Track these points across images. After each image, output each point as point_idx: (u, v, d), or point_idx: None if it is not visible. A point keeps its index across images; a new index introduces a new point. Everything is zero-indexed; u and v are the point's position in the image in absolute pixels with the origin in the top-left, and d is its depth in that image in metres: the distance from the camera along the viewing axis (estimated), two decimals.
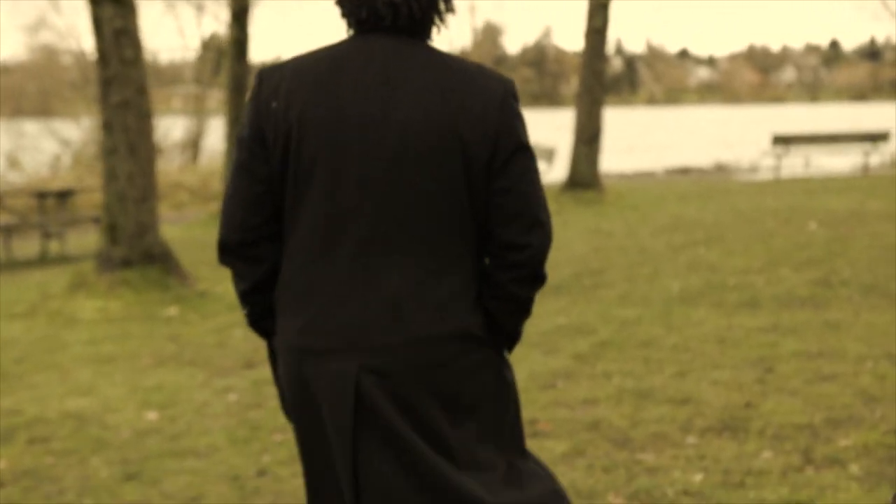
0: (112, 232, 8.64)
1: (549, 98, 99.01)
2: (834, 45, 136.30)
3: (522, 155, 2.23)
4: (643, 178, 24.99)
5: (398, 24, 2.22)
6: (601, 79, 15.65)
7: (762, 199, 15.03)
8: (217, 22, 16.86)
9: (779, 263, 8.98)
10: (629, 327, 6.93)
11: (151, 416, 5.36)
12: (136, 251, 8.62)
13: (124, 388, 5.95)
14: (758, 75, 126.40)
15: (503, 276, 2.26)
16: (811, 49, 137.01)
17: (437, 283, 2.21)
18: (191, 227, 15.48)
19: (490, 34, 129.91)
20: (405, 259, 2.20)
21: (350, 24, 2.27)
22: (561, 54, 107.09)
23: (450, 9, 2.29)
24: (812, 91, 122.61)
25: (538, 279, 2.29)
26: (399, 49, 2.22)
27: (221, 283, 9.03)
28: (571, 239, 11.40)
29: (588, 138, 15.66)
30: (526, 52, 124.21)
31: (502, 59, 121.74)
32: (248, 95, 2.34)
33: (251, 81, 2.46)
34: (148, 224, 8.68)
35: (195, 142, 23.39)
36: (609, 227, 12.15)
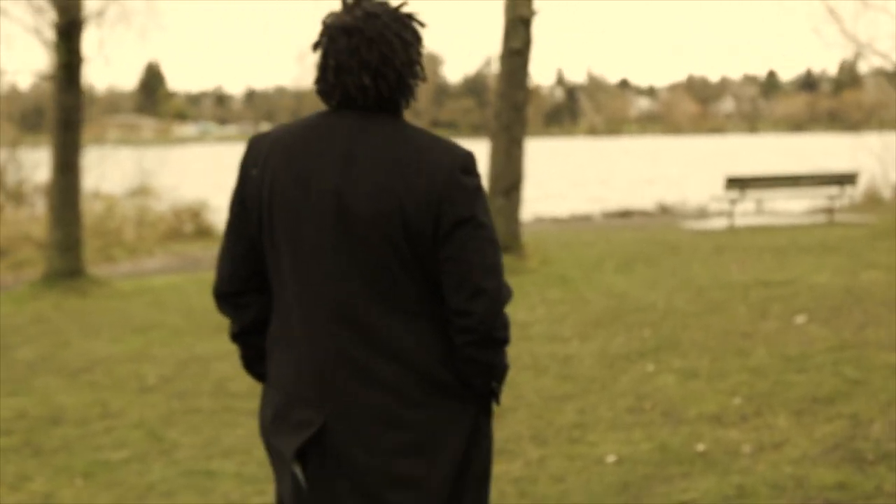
0: None
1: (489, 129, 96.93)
2: (771, 75, 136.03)
3: (466, 225, 2.34)
4: (579, 224, 22.00)
5: (367, 104, 2.40)
6: (521, 113, 12.40)
7: (723, 264, 11.98)
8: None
9: (769, 403, 5.88)
10: None
11: None
12: None
13: None
14: (697, 106, 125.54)
15: (458, 339, 2.38)
16: (749, 79, 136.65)
17: (399, 337, 2.36)
18: None
19: (430, 64, 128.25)
20: (367, 317, 2.36)
21: (325, 102, 2.46)
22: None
23: (420, 78, 2.45)
24: (751, 121, 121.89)
25: (494, 343, 2.38)
26: (364, 126, 2.40)
27: None
28: None
29: (506, 188, 12.42)
30: (467, 82, 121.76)
31: (443, 89, 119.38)
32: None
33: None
34: None
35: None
36: (525, 318, 8.95)
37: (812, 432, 5.29)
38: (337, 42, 2.37)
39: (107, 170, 22.17)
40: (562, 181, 38.08)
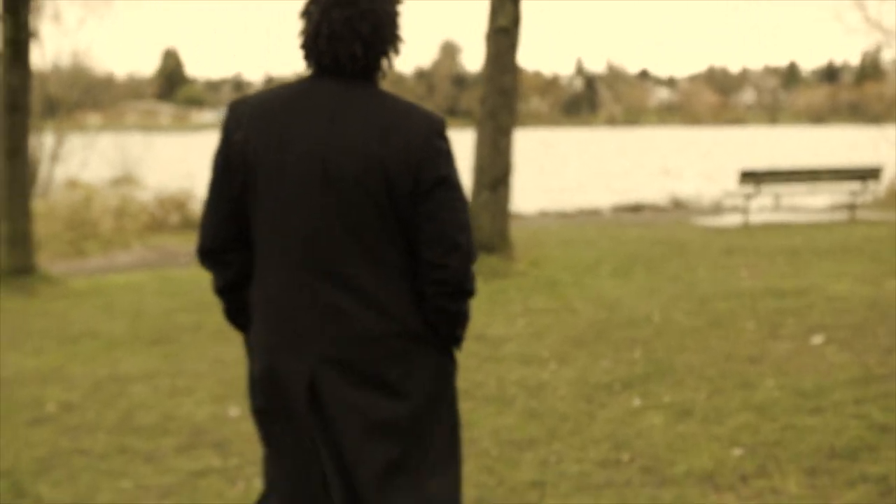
0: None
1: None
2: (792, 66, 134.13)
3: (442, 185, 2.51)
4: (586, 219, 20.80)
5: (354, 71, 2.56)
6: (510, 99, 11.20)
7: (732, 267, 10.80)
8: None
9: (776, 456, 4.71)
10: None
11: None
12: None
13: None
14: (717, 97, 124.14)
15: (429, 290, 2.55)
16: (770, 71, 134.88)
17: (377, 289, 2.51)
18: None
19: (449, 52, 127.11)
20: (348, 270, 2.51)
21: (311, 66, 2.60)
22: (520, 73, 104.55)
23: (397, 52, 2.61)
24: (771, 113, 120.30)
25: (462, 294, 2.57)
26: (346, 92, 2.55)
27: None
28: None
29: (492, 181, 11.24)
30: (485, 71, 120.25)
31: (461, 78, 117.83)
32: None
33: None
34: None
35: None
36: (501, 332, 7.81)
37: (829, 502, 4.14)
38: (331, 13, 2.53)
39: (90, 157, 21.16)
40: (576, 173, 36.91)
